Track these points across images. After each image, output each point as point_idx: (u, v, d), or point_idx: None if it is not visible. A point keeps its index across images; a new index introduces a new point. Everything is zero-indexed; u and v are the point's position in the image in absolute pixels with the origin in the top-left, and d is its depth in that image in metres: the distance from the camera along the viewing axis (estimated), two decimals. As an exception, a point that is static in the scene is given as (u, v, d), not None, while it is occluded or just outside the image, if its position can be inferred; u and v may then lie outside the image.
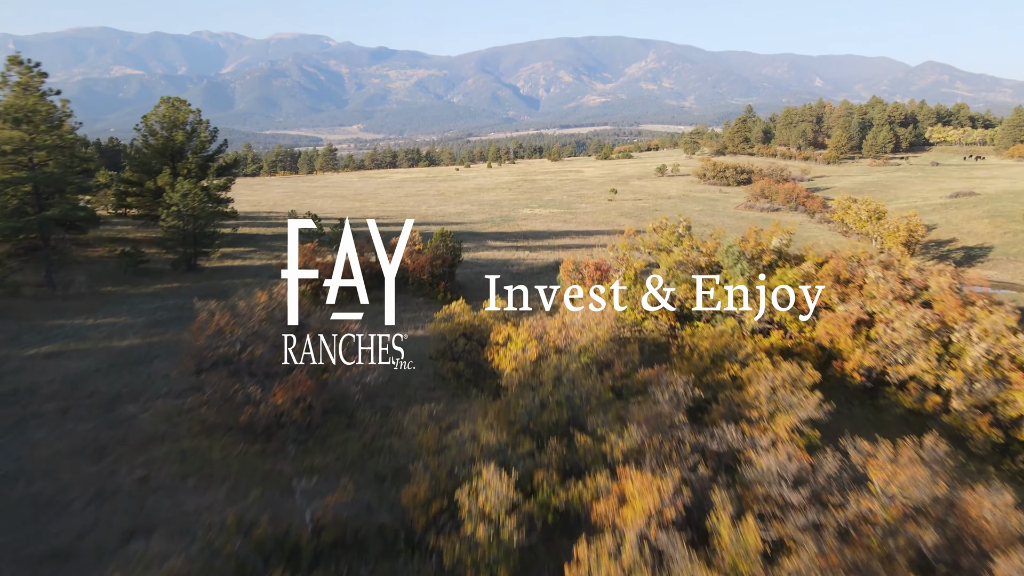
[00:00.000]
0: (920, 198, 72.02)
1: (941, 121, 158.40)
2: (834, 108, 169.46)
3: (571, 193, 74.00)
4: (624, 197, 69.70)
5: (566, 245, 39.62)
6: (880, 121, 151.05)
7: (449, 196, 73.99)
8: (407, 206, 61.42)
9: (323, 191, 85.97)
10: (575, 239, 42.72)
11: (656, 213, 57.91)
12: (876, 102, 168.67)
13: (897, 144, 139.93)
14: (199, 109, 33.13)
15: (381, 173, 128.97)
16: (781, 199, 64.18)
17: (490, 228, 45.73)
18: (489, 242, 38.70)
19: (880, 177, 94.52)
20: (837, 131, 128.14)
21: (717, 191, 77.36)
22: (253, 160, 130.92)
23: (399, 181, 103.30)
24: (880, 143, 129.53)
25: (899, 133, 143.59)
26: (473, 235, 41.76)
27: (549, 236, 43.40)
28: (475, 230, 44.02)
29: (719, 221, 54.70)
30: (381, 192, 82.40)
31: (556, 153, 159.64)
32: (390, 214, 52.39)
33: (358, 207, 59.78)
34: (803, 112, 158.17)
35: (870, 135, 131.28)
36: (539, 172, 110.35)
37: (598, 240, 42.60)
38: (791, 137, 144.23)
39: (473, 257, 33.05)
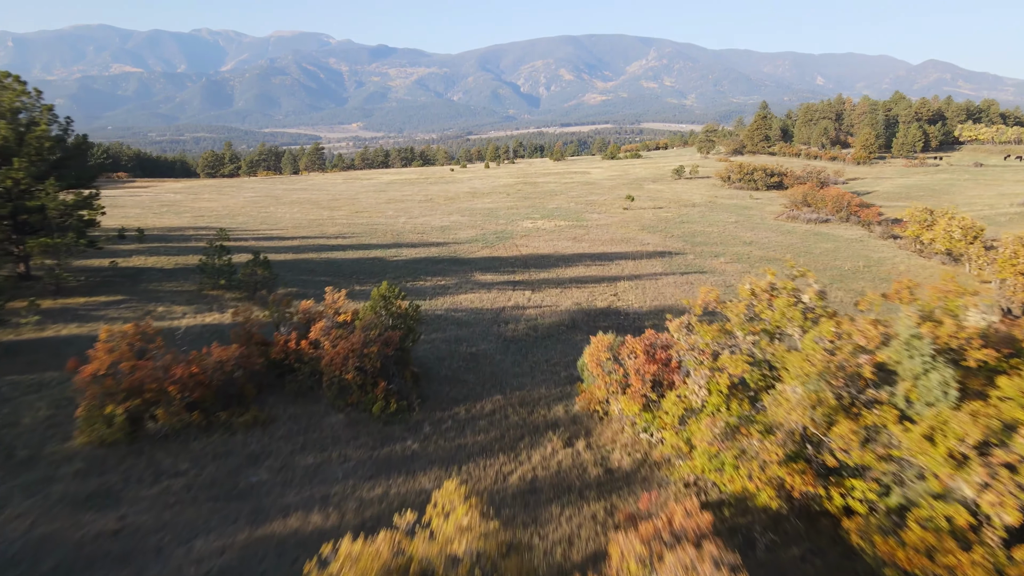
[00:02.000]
0: (983, 204, 61.80)
1: (971, 118, 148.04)
2: (854, 104, 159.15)
3: (579, 200, 63.86)
4: (641, 204, 59.59)
5: (581, 279, 29.55)
6: (906, 118, 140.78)
7: (437, 203, 63.91)
8: (384, 217, 51.36)
9: (297, 195, 75.99)
10: (592, 267, 32.66)
11: (684, 226, 47.87)
12: (900, 98, 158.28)
13: (926, 143, 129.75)
14: (39, 90, 23.02)
15: (370, 174, 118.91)
16: (830, 208, 54.05)
17: (480, 251, 35.70)
18: (476, 275, 28.74)
19: (923, 179, 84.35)
20: (864, 129, 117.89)
21: (747, 196, 67.23)
22: (231, 159, 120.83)
23: (386, 184, 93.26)
24: (911, 142, 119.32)
25: (927, 131, 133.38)
26: (457, 263, 31.71)
27: (557, 263, 33.33)
28: (460, 254, 34.00)
29: (763, 237, 44.67)
30: (362, 197, 72.34)
31: (558, 152, 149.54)
32: (355, 231, 42.33)
33: (325, 218, 49.72)
34: (823, 108, 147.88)
35: (900, 133, 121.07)
36: (541, 173, 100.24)
37: (623, 268, 32.53)
38: (812, 135, 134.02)
39: (451, 305, 23.09)
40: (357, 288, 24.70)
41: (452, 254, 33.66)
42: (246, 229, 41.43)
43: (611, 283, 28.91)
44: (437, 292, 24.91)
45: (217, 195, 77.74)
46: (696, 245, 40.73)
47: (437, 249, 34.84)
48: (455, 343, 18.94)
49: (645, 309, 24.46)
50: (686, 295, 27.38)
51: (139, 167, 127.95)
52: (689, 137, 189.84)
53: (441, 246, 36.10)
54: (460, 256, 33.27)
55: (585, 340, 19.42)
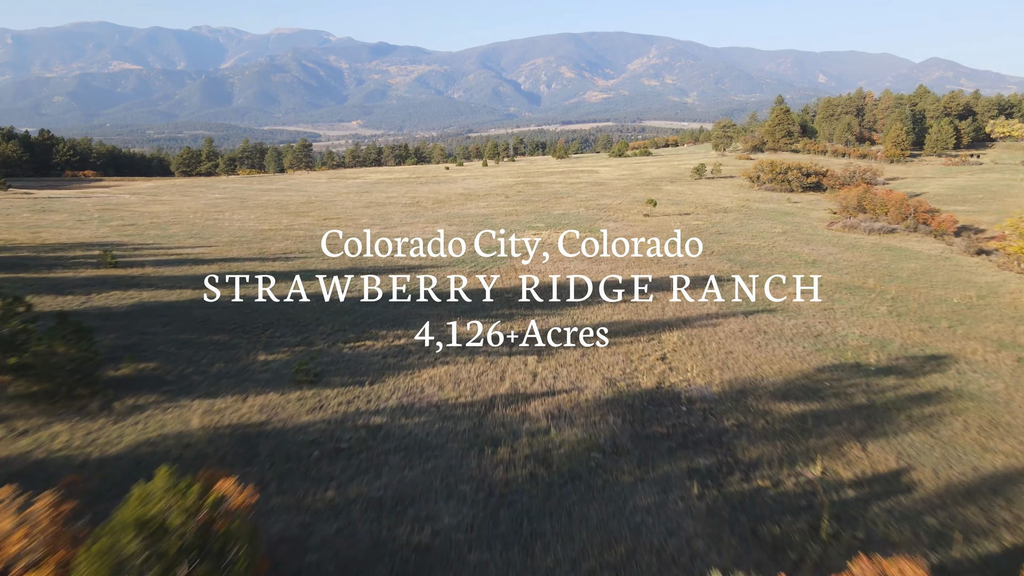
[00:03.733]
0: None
1: (1003, 113, 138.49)
2: (876, 99, 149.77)
3: (589, 204, 54.69)
4: (664, 209, 50.43)
5: (609, 326, 20.44)
6: (934, 113, 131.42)
7: (425, 207, 54.81)
8: (354, 226, 42.26)
9: (268, 197, 67.03)
10: (621, 305, 23.50)
11: (722, 238, 38.71)
12: (924, 92, 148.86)
13: (958, 139, 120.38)
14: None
15: (359, 173, 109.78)
16: (892, 214, 44.89)
17: (466, 278, 26.59)
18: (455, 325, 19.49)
19: (972, 180, 75.10)
20: (894, 124, 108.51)
21: (783, 200, 58.04)
22: (208, 157, 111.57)
23: (372, 183, 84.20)
24: (944, 138, 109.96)
25: (958, 127, 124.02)
26: (428, 305, 22.51)
27: (572, 298, 24.18)
28: (438, 287, 24.81)
29: (826, 254, 35.53)
30: (341, 199, 63.30)
31: (562, 149, 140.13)
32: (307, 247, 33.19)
33: (281, 228, 40.61)
34: (844, 103, 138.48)
35: (933, 129, 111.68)
36: (543, 172, 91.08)
37: (662, 305, 23.33)
38: (834, 131, 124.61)
39: (405, 395, 12.85)
40: (261, 359, 15.67)
41: (426, 287, 24.50)
42: (163, 247, 32.30)
43: (653, 334, 19.77)
44: (387, 367, 15.38)
45: (179, 197, 68.91)
46: (746, 266, 31.60)
47: (407, 278, 25.70)
48: (392, 514, 9.23)
49: (718, 390, 15.38)
50: (766, 356, 18.33)
51: (112, 165, 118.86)
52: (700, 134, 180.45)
53: (414, 271, 26.92)
54: (438, 289, 24.11)
55: (641, 485, 10.29)
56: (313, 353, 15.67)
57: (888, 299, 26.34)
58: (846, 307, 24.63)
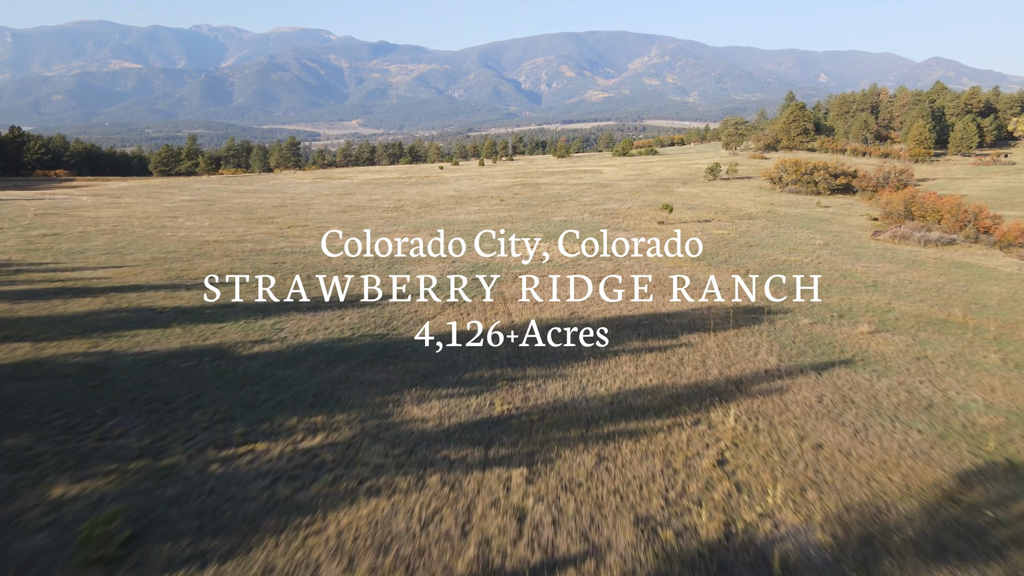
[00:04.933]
0: None
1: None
2: (891, 96, 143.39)
3: (595, 209, 48.40)
4: (680, 215, 44.11)
5: (631, 398, 14.16)
6: (954, 111, 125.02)
7: (409, 211, 48.56)
8: (318, 236, 35.99)
9: (240, 199, 60.90)
10: (646, 358, 17.14)
11: (756, 252, 32.43)
12: (941, 88, 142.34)
13: (981, 138, 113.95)
14: None
15: (347, 173, 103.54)
16: (948, 222, 38.57)
17: (439, 317, 20.17)
18: (407, 400, 13.14)
19: (1010, 181, 68.77)
20: (917, 122, 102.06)
21: (812, 204, 51.70)
22: (189, 155, 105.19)
23: (358, 184, 78.03)
24: (969, 136, 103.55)
25: (981, 124, 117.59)
26: (379, 359, 16.11)
27: (577, 347, 17.90)
28: (397, 330, 18.23)
29: (884, 272, 29.21)
30: (317, 203, 57.12)
31: (562, 148, 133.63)
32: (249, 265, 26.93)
33: (231, 240, 34.34)
34: (859, 100, 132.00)
35: (957, 127, 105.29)
36: (543, 173, 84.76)
37: (703, 358, 16.92)
38: (851, 129, 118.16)
39: (294, 562, 7.29)
40: (55, 496, 9.36)
41: (382, 332, 18.11)
42: (60, 268, 25.97)
43: (698, 411, 13.45)
44: (270, 509, 8.53)
45: (143, 199, 62.85)
46: (795, 290, 25.29)
47: (358, 317, 19.29)
48: None
49: (826, 538, 9.02)
50: (874, 453, 12.01)
51: (89, 164, 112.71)
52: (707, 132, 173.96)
53: (372, 308, 20.55)
54: (394, 337, 17.63)
55: None
56: (141, 489, 9.30)
57: (991, 340, 20.00)
58: (943, 354, 18.30)
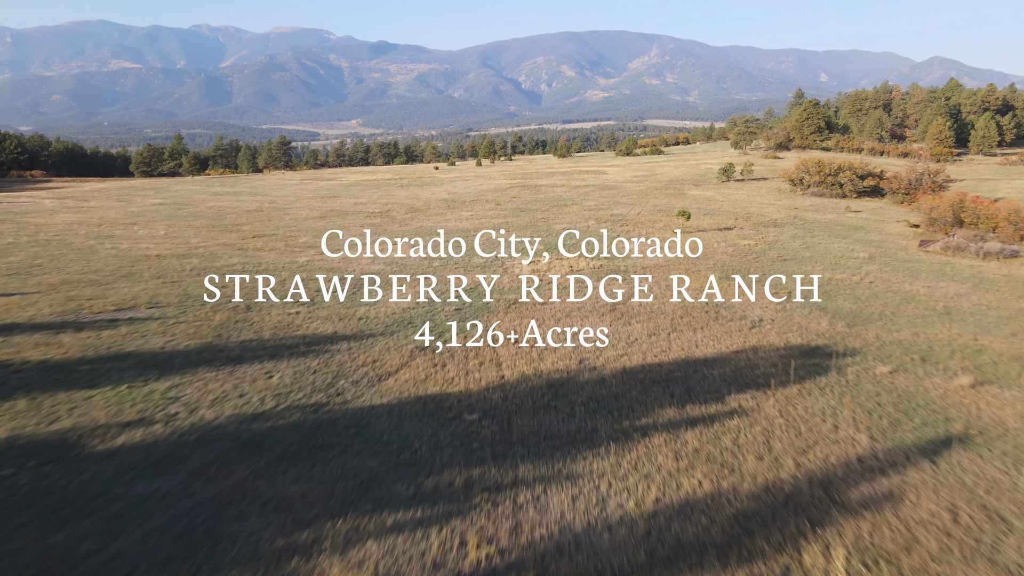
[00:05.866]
0: None
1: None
2: (903, 93, 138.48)
3: (601, 214, 43.54)
4: (698, 223, 39.23)
5: (693, 541, 9.31)
6: (970, 108, 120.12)
7: (394, 218, 43.75)
8: (290, 246, 31.15)
9: (214, 203, 56.19)
10: (683, 434, 12.30)
11: (788, 266, 27.57)
12: (955, 85, 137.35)
13: (1001, 137, 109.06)
14: None
15: (337, 173, 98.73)
16: (1007, 230, 33.67)
17: (403, 376, 15.06)
18: (329, 550, 8.34)
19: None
20: (936, 120, 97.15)
21: (841, 208, 46.82)
22: (172, 155, 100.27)
23: (346, 186, 73.29)
24: (991, 135, 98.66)
25: (1000, 122, 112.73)
26: (317, 432, 11.24)
27: (588, 425, 13.01)
28: (342, 392, 13.55)
29: (953, 295, 24.34)
30: (298, 206, 52.37)
31: (563, 148, 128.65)
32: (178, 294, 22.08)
33: (185, 250, 29.50)
34: (872, 97, 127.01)
35: (979, 125, 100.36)
36: (544, 173, 79.90)
37: (769, 441, 12.03)
38: (865, 127, 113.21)
39: None
40: None
41: (319, 400, 13.14)
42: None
43: (782, 558, 8.55)
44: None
45: (111, 202, 58.38)
46: (853, 321, 20.39)
47: (292, 373, 14.26)
48: None
49: None
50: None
51: (68, 164, 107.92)
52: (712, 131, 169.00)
53: (316, 357, 15.60)
54: (334, 410, 12.63)
55: None
56: None
57: None
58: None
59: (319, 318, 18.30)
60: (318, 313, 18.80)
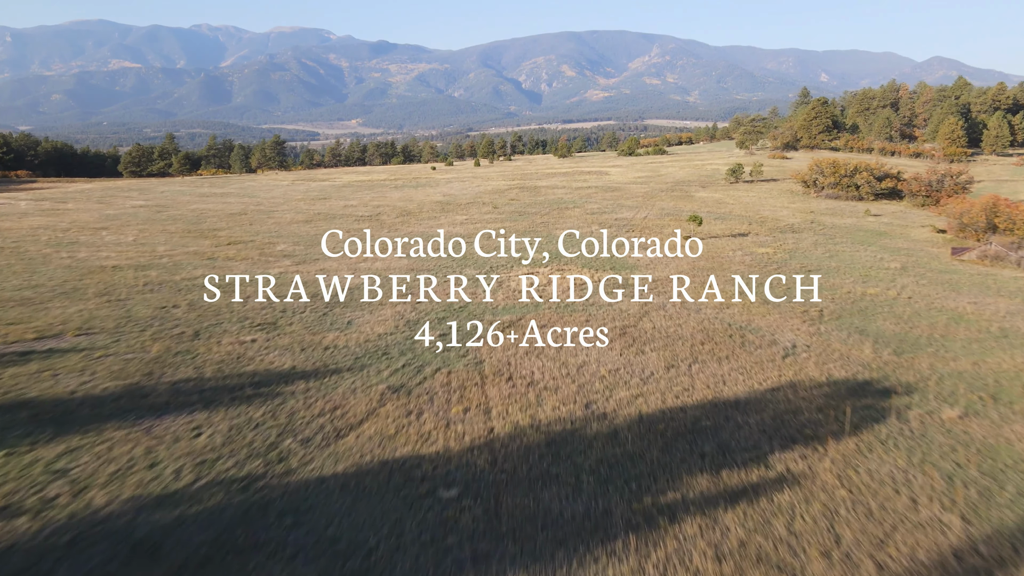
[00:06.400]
0: None
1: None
2: (911, 91, 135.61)
3: (604, 218, 40.79)
4: (710, 228, 36.44)
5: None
6: (980, 107, 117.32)
7: (383, 222, 41.01)
8: (265, 255, 28.41)
9: (197, 205, 53.45)
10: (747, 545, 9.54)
11: (812, 276, 24.82)
12: (964, 84, 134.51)
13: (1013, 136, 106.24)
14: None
15: (331, 174, 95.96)
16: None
17: (361, 433, 12.42)
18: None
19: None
20: (948, 119, 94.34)
21: (860, 212, 44.05)
22: (162, 155, 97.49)
23: (339, 187, 70.54)
24: (1004, 134, 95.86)
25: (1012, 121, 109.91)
26: (243, 521, 8.59)
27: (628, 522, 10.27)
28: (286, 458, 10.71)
29: (1000, 313, 21.56)
30: (284, 209, 49.63)
31: (564, 147, 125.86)
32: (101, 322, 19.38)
33: (148, 260, 26.81)
34: (880, 96, 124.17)
35: (992, 124, 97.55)
36: (543, 174, 77.12)
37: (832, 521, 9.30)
38: (873, 126, 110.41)
39: None
40: None
41: (253, 469, 10.31)
42: None
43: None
44: None
45: (90, 204, 55.60)
46: (902, 350, 17.60)
47: (225, 428, 11.48)
48: None
49: None
50: None
51: (56, 164, 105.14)
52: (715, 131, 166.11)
53: (260, 405, 12.71)
54: (270, 487, 9.86)
55: None
56: None
57: None
58: None
59: (278, 348, 15.53)
60: (277, 341, 16.04)
